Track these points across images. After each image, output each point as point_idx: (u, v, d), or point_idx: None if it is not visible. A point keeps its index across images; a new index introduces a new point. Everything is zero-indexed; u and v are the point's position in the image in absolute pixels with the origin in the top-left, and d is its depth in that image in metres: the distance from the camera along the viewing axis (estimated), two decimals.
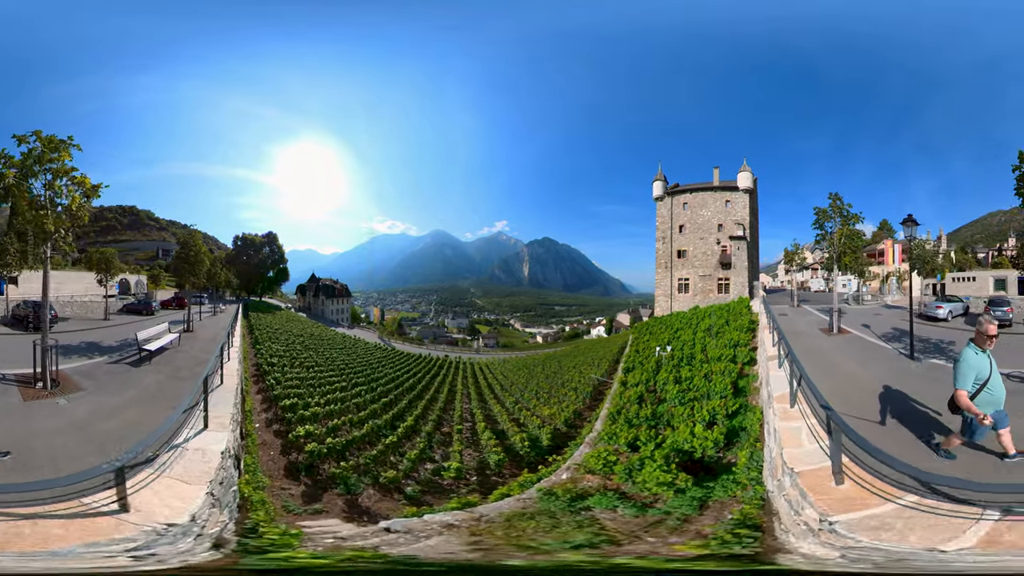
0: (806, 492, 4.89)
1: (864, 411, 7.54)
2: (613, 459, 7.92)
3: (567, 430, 15.75)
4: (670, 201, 48.40)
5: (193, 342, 18.96)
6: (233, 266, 66.71)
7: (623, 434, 9.05)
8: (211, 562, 4.76)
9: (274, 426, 13.43)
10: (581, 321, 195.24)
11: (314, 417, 13.96)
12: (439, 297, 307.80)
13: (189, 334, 21.44)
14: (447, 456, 14.32)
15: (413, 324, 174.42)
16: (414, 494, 10.69)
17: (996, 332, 5.57)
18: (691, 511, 6.40)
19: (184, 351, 16.67)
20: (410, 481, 11.67)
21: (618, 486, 7.60)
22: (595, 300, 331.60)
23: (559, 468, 9.90)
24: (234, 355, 15.84)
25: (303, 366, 23.47)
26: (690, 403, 10.47)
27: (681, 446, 8.00)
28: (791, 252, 28.37)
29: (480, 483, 11.88)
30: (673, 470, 7.17)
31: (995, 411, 5.38)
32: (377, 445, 13.45)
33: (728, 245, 45.57)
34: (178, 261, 23.09)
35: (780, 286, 71.17)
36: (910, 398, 8.29)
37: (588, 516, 6.58)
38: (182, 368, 13.68)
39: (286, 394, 15.72)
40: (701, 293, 45.82)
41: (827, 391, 6.74)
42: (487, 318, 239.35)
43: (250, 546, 5.46)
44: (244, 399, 13.02)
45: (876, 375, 10.29)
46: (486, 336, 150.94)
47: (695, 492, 6.84)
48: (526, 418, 20.00)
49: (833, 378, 10.06)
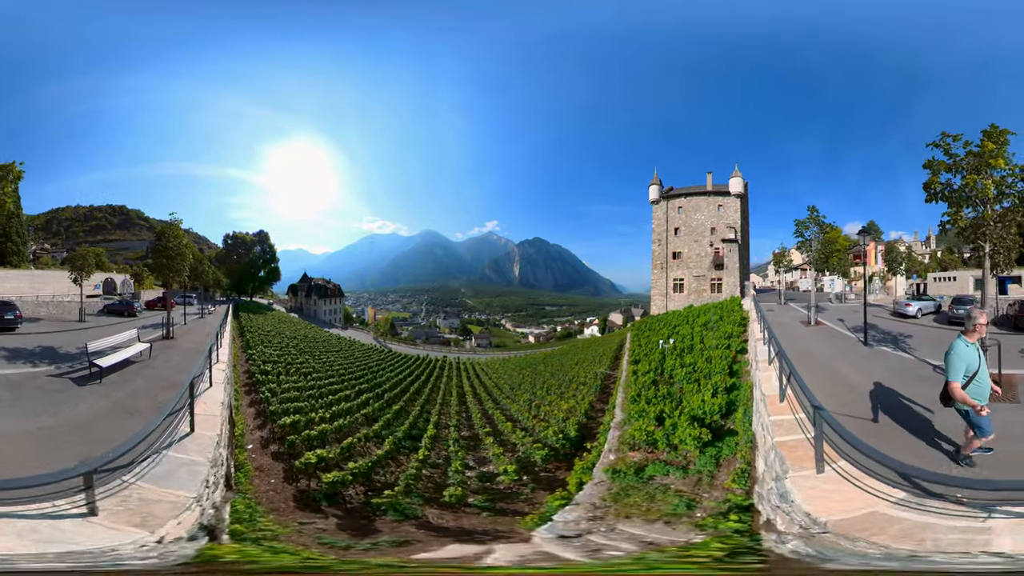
0: (767, 402, 7.71)
1: (818, 373, 10.73)
2: (651, 429, 10.51)
3: (587, 421, 16.73)
4: (666, 205, 51.52)
5: (169, 354, 15.90)
6: (223, 265, 66.54)
7: (651, 410, 11.70)
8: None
9: (272, 447, 11.99)
10: (572, 321, 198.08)
11: (322, 436, 12.87)
12: (430, 297, 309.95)
13: (168, 342, 18.65)
14: (482, 461, 14.06)
15: (404, 324, 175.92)
16: (483, 504, 10.14)
17: (986, 322, 5.78)
18: (713, 468, 8.98)
19: (154, 367, 13.55)
20: (465, 490, 10.87)
21: (657, 455, 10.11)
22: (586, 300, 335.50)
23: (601, 452, 11.41)
24: (224, 356, 15.18)
25: (300, 373, 22.42)
26: (696, 381, 13.25)
27: (696, 412, 10.71)
28: (779, 254, 31.48)
29: (535, 480, 11.78)
30: (696, 427, 9.84)
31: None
32: (406, 460, 13.07)
33: (721, 247, 48.77)
34: (156, 255, 20.47)
35: (770, 286, 74.59)
36: (852, 367, 11.55)
37: (656, 484, 8.52)
38: (141, 393, 10.53)
39: (284, 409, 14.51)
40: (695, 293, 48.97)
41: (796, 362, 9.57)
42: (478, 318, 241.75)
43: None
44: (232, 424, 11.50)
45: (832, 354, 13.73)
46: (479, 336, 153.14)
47: (711, 452, 9.47)
48: (547, 413, 20.48)
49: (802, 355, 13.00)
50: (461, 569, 5.47)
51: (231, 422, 10.94)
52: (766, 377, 10.16)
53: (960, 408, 5.58)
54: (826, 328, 19.83)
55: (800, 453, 6.22)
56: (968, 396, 5.37)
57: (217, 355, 14.00)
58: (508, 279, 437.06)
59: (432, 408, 22.94)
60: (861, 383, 10.03)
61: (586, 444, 13.43)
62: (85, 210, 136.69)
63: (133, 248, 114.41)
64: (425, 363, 48.52)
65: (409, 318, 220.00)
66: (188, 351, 16.71)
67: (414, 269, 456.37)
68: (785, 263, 33.44)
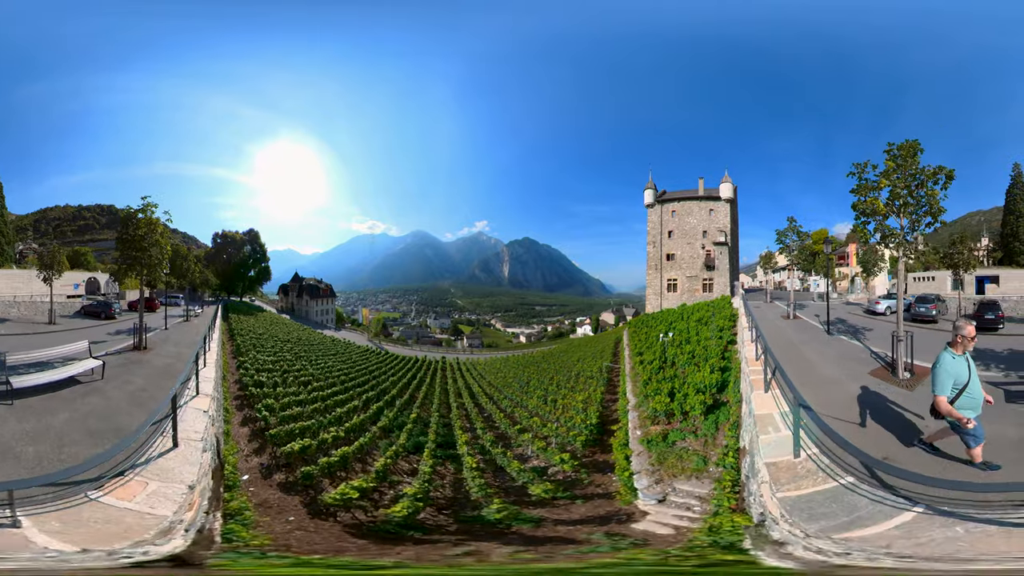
0: (749, 365, 10.87)
1: (788, 351, 14.08)
2: (667, 402, 13.60)
3: (603, 408, 18.10)
4: (660, 209, 55.06)
5: (132, 373, 12.57)
6: (213, 265, 64.59)
7: (664, 387, 14.81)
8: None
9: (277, 475, 10.28)
10: (563, 321, 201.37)
11: (344, 463, 11.25)
12: (420, 297, 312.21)
13: (136, 355, 15.44)
14: (522, 458, 14.34)
15: (395, 324, 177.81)
16: (567, 495, 10.26)
17: (975, 334, 5.72)
18: (714, 431, 12.04)
19: (102, 393, 10.26)
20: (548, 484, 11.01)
21: (674, 424, 13.01)
22: (576, 300, 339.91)
23: (628, 431, 13.56)
24: (211, 362, 14.35)
25: (299, 382, 20.94)
26: (695, 364, 16.44)
27: (698, 385, 13.85)
28: (765, 257, 35.04)
29: (583, 464, 12.34)
30: (700, 395, 12.97)
31: (975, 417, 5.56)
32: (454, 470, 12.94)
33: (712, 250, 52.46)
34: (124, 247, 17.49)
35: (758, 285, 78.66)
36: (813, 350, 14.87)
37: (680, 448, 11.03)
38: (68, 438, 7.52)
39: (290, 432, 12.54)
40: (688, 292, 52.56)
41: (772, 344, 12.83)
42: (468, 318, 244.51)
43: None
44: (221, 465, 9.44)
45: (800, 340, 17.42)
46: (470, 336, 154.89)
47: (712, 417, 12.55)
48: (566, 405, 20.85)
49: (778, 339, 16.50)
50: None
51: (218, 455, 9.45)
52: (752, 358, 13.40)
53: (949, 420, 5.69)
54: (801, 321, 23.54)
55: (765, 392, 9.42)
56: (954, 409, 5.48)
57: (204, 360, 13.28)
58: (497, 279, 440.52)
59: (450, 414, 22.87)
60: (817, 360, 13.45)
61: (611, 428, 15.10)
62: (73, 210, 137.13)
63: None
64: (424, 365, 48.64)
65: (399, 318, 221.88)
66: (158, 370, 13.29)
67: (404, 269, 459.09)
68: (771, 265, 37.05)
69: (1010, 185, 57.34)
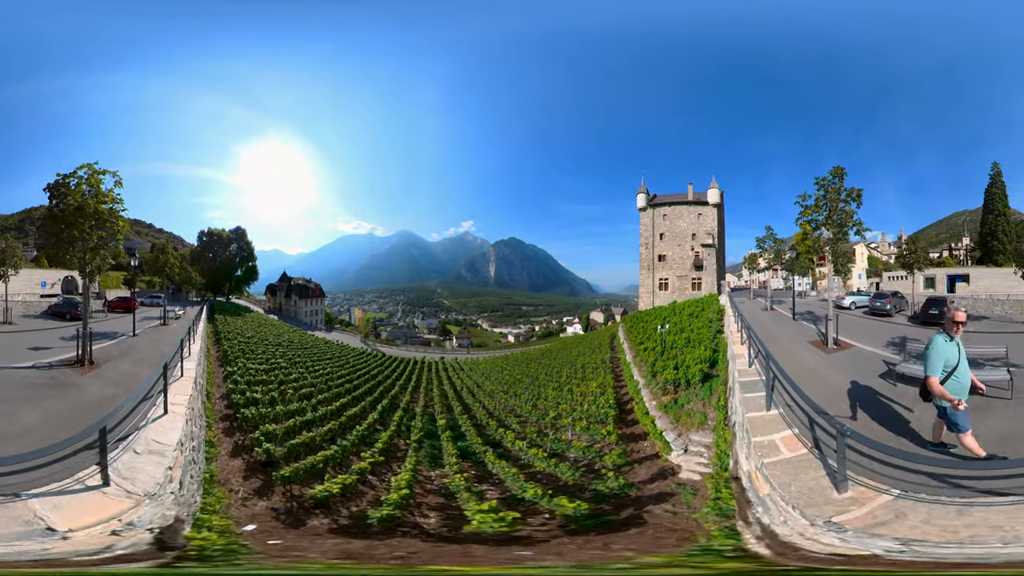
0: (735, 346, 15.05)
1: (761, 330, 18.23)
2: (674, 372, 17.72)
3: (617, 393, 20.66)
4: (652, 212, 59.72)
5: (42, 402, 9.32)
6: (198, 264, 62.51)
7: (670, 364, 18.92)
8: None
9: (312, 521, 8.37)
10: (550, 321, 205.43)
11: (406, 493, 9.33)
12: (406, 297, 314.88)
13: (69, 374, 12.06)
14: (567, 447, 14.81)
15: (382, 324, 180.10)
16: (624, 461, 12.40)
17: (964, 319, 5.90)
18: (708, 395, 16.05)
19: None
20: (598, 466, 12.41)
21: (680, 392, 17.16)
22: (562, 300, 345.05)
23: (644, 402, 17.48)
24: (188, 378, 11.55)
25: (300, 396, 18.43)
26: (691, 345, 20.65)
27: (696, 359, 18.00)
28: (750, 258, 39.57)
29: (620, 439, 14.27)
30: (698, 364, 17.10)
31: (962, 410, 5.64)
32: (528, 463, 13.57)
33: (700, 251, 57.23)
34: (49, 222, 13.91)
35: (744, 284, 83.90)
36: (779, 329, 19.33)
37: (687, 409, 15.37)
38: None
39: (305, 468, 10.15)
40: (678, 291, 57.26)
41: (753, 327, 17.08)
42: (455, 318, 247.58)
43: None
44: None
45: (772, 323, 22.24)
46: (459, 336, 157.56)
47: (707, 385, 16.60)
48: (583, 391, 22.13)
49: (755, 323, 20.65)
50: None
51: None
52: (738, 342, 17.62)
53: (938, 403, 5.80)
54: (776, 312, 28.50)
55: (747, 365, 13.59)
56: (947, 391, 5.60)
57: (181, 373, 11.40)
58: (484, 279, 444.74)
59: (471, 412, 23.62)
60: (780, 336, 18.12)
61: (627, 406, 18.51)
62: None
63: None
64: (424, 366, 48.71)
65: (386, 318, 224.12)
66: (87, 403, 9.53)
67: (390, 269, 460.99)
68: (755, 266, 41.69)
69: (989, 184, 58.48)
